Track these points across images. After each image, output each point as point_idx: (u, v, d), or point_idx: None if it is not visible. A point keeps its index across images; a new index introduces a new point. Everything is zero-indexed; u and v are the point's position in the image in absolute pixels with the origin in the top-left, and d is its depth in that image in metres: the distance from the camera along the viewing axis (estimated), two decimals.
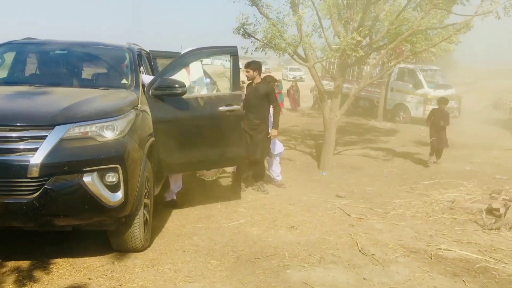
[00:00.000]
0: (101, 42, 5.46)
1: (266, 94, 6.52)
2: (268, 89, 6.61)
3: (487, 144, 12.04)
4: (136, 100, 4.25)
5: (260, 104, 6.50)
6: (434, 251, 4.62)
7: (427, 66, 17.27)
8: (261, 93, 6.49)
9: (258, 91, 6.49)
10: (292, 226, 5.27)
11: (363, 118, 17.43)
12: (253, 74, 6.51)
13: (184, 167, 5.39)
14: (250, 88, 6.63)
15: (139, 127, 4.10)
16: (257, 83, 6.57)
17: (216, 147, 5.27)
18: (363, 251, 4.59)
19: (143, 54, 5.77)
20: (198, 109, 5.04)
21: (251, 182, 6.81)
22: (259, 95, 6.49)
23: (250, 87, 6.64)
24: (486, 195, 6.87)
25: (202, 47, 5.32)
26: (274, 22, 8.15)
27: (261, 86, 6.58)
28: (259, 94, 6.49)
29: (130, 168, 3.75)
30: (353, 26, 8.57)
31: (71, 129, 3.53)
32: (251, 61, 6.66)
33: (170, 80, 4.81)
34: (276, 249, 4.56)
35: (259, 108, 6.49)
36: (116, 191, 3.66)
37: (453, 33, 7.87)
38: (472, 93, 23.21)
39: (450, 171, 8.58)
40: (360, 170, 9.03)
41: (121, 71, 5.05)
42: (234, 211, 5.76)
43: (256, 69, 6.53)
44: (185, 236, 4.82)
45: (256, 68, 6.54)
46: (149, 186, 4.48)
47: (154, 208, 5.42)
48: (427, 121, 9.58)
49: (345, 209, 6.09)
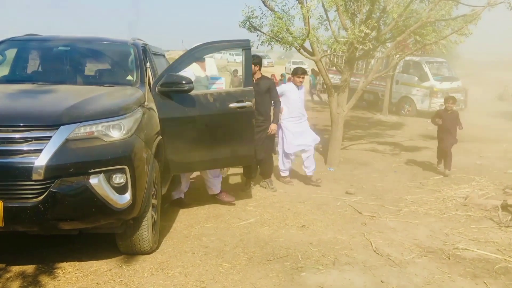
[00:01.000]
0: (105, 38, 5.28)
1: (268, 89, 6.36)
2: (270, 84, 6.46)
3: (496, 137, 11.87)
4: (143, 98, 4.10)
5: (262, 100, 6.30)
6: (451, 251, 4.48)
7: (432, 59, 17.07)
8: (263, 88, 6.31)
9: (259, 87, 6.27)
10: (303, 225, 5.13)
11: (368, 111, 17.28)
12: (254, 69, 6.28)
13: (193, 166, 5.24)
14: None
15: (146, 126, 3.95)
16: (258, 78, 6.38)
17: (227, 145, 5.10)
18: (378, 252, 4.45)
19: (147, 49, 5.61)
20: (207, 106, 4.87)
21: (259, 179, 6.67)
22: (262, 91, 6.29)
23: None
24: (499, 190, 6.73)
25: (213, 41, 5.14)
26: (280, 15, 7.97)
27: (263, 81, 6.41)
28: (261, 89, 6.29)
29: (138, 168, 3.61)
30: (360, 18, 8.39)
31: (76, 129, 3.39)
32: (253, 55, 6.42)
33: (176, 76, 4.65)
34: (288, 250, 4.42)
35: (262, 104, 6.29)
36: (123, 193, 3.52)
37: (464, 25, 7.67)
38: (477, 85, 22.97)
39: (461, 166, 8.41)
40: (368, 165, 8.88)
41: (126, 67, 4.89)
42: (243, 210, 5.63)
43: (257, 63, 6.35)
44: (194, 237, 4.68)
45: (257, 63, 6.36)
46: (156, 186, 4.34)
47: (161, 208, 5.32)
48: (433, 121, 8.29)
49: (356, 207, 5.94)
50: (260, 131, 6.32)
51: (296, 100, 6.83)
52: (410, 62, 16.57)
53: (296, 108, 6.85)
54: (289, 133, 6.85)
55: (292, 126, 6.85)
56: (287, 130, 6.85)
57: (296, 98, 6.83)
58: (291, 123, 6.85)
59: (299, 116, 6.90)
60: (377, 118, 16.08)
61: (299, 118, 6.90)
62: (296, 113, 6.86)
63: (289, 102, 6.79)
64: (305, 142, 6.89)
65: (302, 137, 6.88)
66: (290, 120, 6.85)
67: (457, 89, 16.38)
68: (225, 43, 5.21)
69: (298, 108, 6.88)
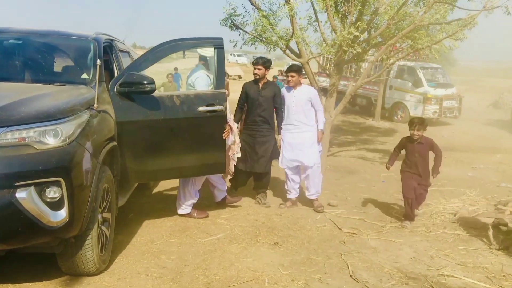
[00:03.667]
0: (64, 31, 4.82)
1: (274, 95, 5.87)
2: (276, 89, 5.95)
3: (489, 147, 11.47)
4: (93, 99, 3.63)
5: (268, 107, 5.82)
6: (435, 278, 4.02)
7: (427, 64, 16.70)
8: (269, 94, 5.83)
9: (266, 92, 5.81)
10: (276, 243, 4.67)
11: (360, 116, 16.89)
12: (264, 72, 5.82)
13: (156, 175, 4.80)
14: (255, 88, 5.86)
15: (94, 131, 3.49)
16: (264, 83, 5.88)
17: (195, 152, 4.67)
18: (355, 276, 3.99)
19: (114, 46, 5.14)
20: (173, 109, 4.44)
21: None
22: (268, 96, 5.81)
23: (255, 87, 5.86)
24: (491, 206, 6.29)
25: (181, 38, 4.71)
26: (266, 14, 7.53)
27: (269, 86, 5.93)
28: (268, 95, 5.81)
29: (77, 180, 3.14)
30: (350, 20, 7.96)
31: (2, 135, 2.92)
32: (261, 57, 5.90)
33: (138, 75, 4.21)
34: (255, 273, 3.96)
35: (268, 111, 5.81)
36: (59, 209, 3.05)
37: (458, 29, 7.26)
38: (472, 92, 22.69)
39: (451, 178, 7.99)
40: (356, 174, 8.46)
41: (83, 64, 4.41)
42: (213, 223, 5.17)
43: (268, 67, 5.86)
44: (152, 255, 4.21)
45: (268, 67, 5.86)
46: (109, 198, 3.88)
47: (123, 220, 4.87)
48: (392, 158, 5.79)
49: (336, 221, 5.49)
50: (266, 142, 5.84)
51: (290, 104, 5.88)
52: (404, 67, 16.19)
53: (291, 113, 5.86)
54: (283, 144, 5.94)
55: (287, 136, 5.90)
56: (282, 140, 5.97)
57: (290, 102, 5.89)
58: (287, 132, 5.91)
59: (296, 125, 5.86)
60: (369, 123, 15.69)
61: (296, 127, 5.86)
62: (292, 120, 5.87)
63: (285, 106, 5.96)
64: (300, 158, 5.83)
65: (298, 151, 5.83)
66: (286, 128, 5.93)
67: (452, 96, 16.04)
68: (195, 41, 4.78)
69: (294, 115, 5.85)
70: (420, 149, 5.47)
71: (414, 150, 5.50)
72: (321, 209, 5.89)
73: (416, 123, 5.44)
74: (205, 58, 5.44)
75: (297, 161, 5.86)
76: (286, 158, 5.91)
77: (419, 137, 5.43)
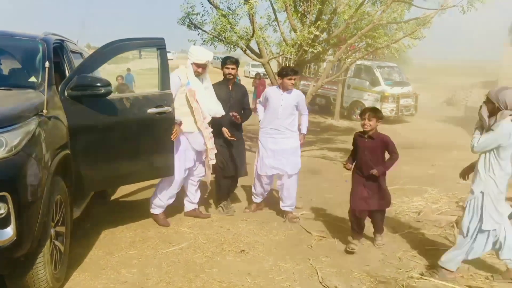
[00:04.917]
0: (10, 31, 4.48)
1: (242, 96, 5.68)
2: (244, 90, 5.78)
3: (446, 144, 11.71)
4: (42, 104, 3.34)
5: (239, 109, 5.55)
6: (405, 281, 3.96)
7: (384, 63, 16.98)
8: (239, 96, 5.63)
9: (237, 93, 5.61)
10: (243, 250, 4.50)
11: (320, 116, 16.96)
12: (236, 72, 5.61)
13: (110, 182, 4.57)
14: (224, 89, 5.50)
15: (44, 139, 3.20)
16: (233, 83, 5.65)
17: (145, 156, 4.49)
18: (324, 283, 3.88)
19: (66, 47, 4.83)
20: (124, 112, 4.23)
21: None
22: (238, 98, 5.60)
23: (224, 88, 5.50)
24: (452, 203, 6.36)
25: (125, 38, 4.47)
26: (225, 13, 7.37)
27: (238, 87, 5.75)
28: (238, 97, 5.60)
29: (26, 194, 2.87)
30: (310, 19, 7.90)
31: None
32: (231, 56, 5.62)
33: (91, 78, 3.96)
34: (222, 284, 3.78)
35: (239, 113, 5.49)
36: (4, 227, 2.78)
37: (417, 28, 7.33)
38: (426, 90, 23.25)
39: (413, 175, 8.05)
40: (318, 174, 8.40)
41: (30, 67, 4.10)
42: (176, 232, 4.94)
43: (237, 67, 5.63)
44: (111, 269, 3.96)
45: (238, 67, 5.63)
46: (63, 211, 3.60)
47: (80, 232, 4.58)
48: (350, 157, 4.91)
49: (303, 224, 5.39)
50: (239, 145, 5.63)
51: (276, 107, 5.40)
52: (361, 66, 16.38)
53: (275, 117, 5.42)
54: (263, 149, 5.54)
55: (267, 141, 5.49)
56: (261, 144, 5.57)
57: (277, 105, 5.40)
58: (268, 136, 5.50)
59: (280, 131, 5.44)
60: (328, 122, 15.78)
61: (280, 132, 5.44)
62: (276, 125, 5.43)
63: (269, 108, 5.50)
64: (281, 166, 5.46)
65: (281, 158, 5.45)
66: (267, 133, 5.52)
67: (408, 94, 16.36)
68: (138, 41, 4.57)
69: (278, 119, 5.41)
70: (371, 145, 4.55)
71: (364, 146, 4.57)
72: (295, 220, 5.53)
73: (368, 111, 4.53)
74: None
75: (278, 169, 5.50)
76: (267, 165, 5.50)
77: (371, 129, 4.50)
